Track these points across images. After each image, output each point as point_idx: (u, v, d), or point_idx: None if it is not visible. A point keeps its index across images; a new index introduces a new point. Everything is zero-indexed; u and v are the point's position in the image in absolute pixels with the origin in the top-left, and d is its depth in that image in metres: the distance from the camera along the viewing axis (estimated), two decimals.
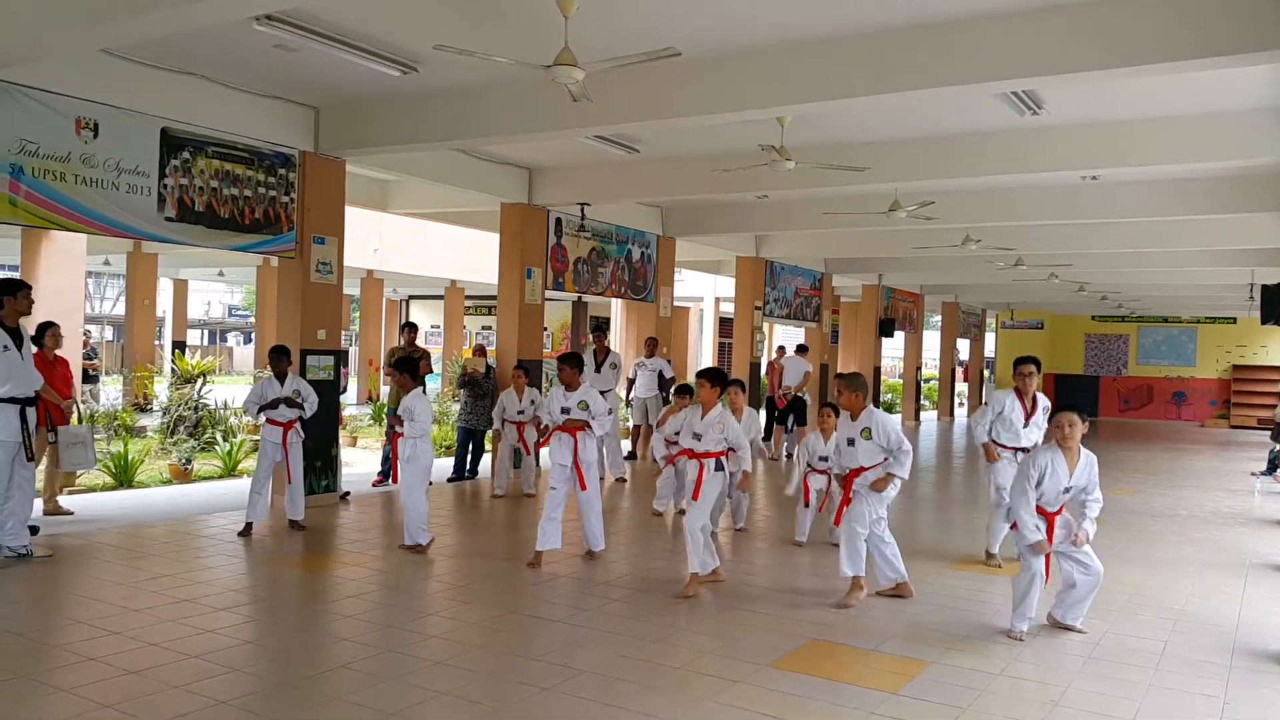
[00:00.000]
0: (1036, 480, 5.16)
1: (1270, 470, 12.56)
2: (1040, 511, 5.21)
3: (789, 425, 13.66)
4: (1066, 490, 5.21)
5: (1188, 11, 5.34)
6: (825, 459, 7.27)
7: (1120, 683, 4.63)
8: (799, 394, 13.71)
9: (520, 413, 9.73)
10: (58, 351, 7.75)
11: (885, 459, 5.81)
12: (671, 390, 9.38)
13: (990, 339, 30.50)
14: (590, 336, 12.15)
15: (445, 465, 11.10)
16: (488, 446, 11.05)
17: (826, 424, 7.26)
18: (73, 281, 13.69)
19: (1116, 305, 23.73)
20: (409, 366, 7.43)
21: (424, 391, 7.54)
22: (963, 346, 28.32)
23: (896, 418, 5.82)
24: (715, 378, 6.22)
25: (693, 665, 4.71)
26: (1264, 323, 10.72)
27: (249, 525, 7.37)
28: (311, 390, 7.75)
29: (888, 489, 5.82)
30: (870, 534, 5.87)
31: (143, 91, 7.32)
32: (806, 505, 7.58)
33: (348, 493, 9.17)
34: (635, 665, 4.69)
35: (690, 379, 8.22)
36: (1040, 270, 16.38)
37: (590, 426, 6.75)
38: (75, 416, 7.11)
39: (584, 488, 6.76)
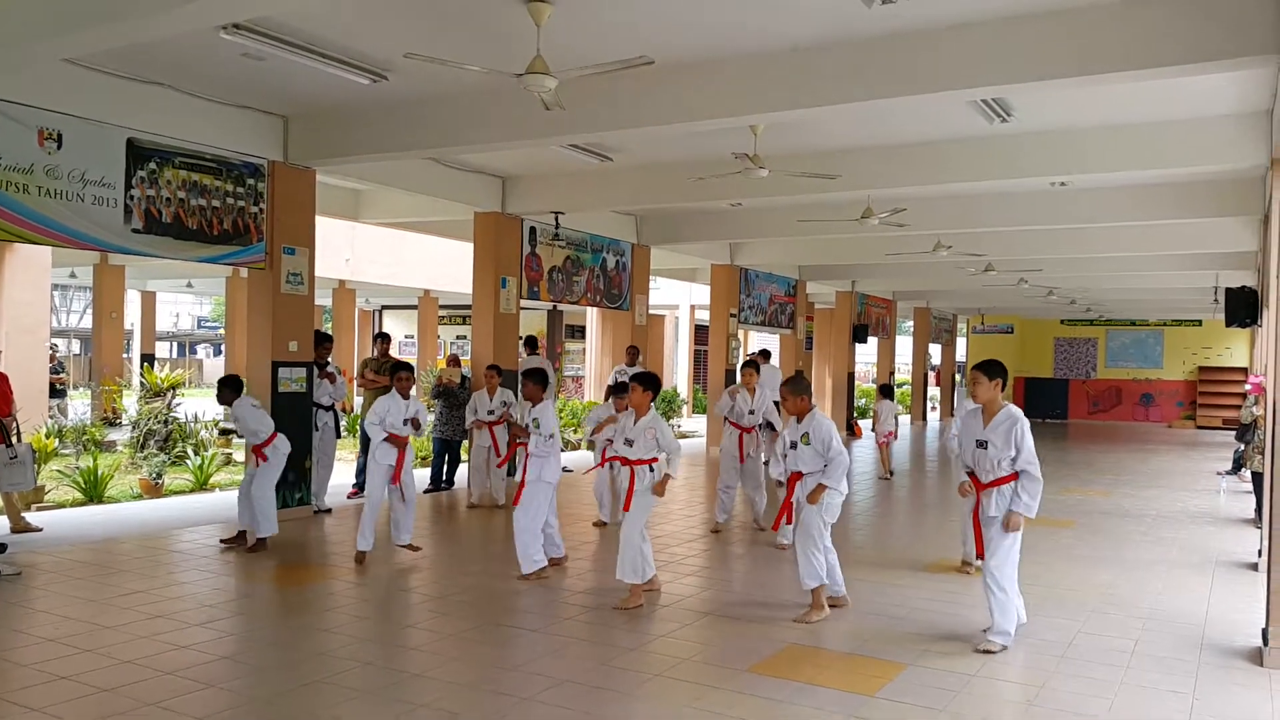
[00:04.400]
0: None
1: (1235, 469, 12.75)
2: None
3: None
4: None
5: (1159, 20, 5.41)
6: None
7: (1093, 681, 4.69)
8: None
9: (491, 412, 9.65)
10: None
11: (824, 467, 5.64)
12: (607, 390, 8.83)
13: (961, 344, 30.83)
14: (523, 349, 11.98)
15: (422, 476, 11.04)
16: (464, 457, 10.99)
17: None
18: (38, 295, 13.55)
19: (1085, 309, 24.06)
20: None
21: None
22: (935, 351, 28.59)
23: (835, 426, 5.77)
24: (648, 382, 6.04)
25: (671, 672, 4.72)
26: (1228, 325, 10.88)
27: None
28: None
29: (823, 499, 5.61)
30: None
31: (107, 101, 7.23)
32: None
33: (329, 509, 9.06)
34: (613, 673, 4.68)
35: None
36: (1010, 275, 16.59)
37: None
38: (15, 435, 6.93)
39: (515, 502, 6.54)
